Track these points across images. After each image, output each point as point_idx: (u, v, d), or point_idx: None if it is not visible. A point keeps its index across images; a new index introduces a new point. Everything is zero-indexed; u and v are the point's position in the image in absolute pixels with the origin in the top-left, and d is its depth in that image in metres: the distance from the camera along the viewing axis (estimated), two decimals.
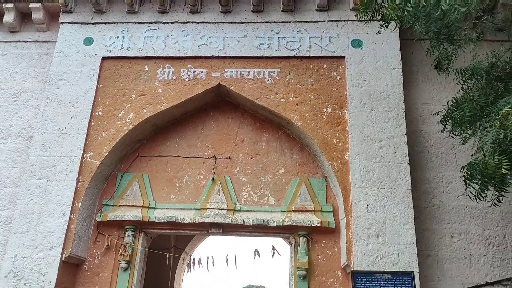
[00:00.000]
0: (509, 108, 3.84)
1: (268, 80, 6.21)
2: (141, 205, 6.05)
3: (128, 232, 5.94)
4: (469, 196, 4.41)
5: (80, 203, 5.74)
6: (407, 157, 5.58)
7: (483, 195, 4.18)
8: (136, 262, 5.89)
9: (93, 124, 6.16)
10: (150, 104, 6.21)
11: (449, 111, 4.93)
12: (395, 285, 4.39)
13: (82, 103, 6.21)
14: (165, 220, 5.89)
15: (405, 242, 5.13)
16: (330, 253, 5.68)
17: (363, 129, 5.78)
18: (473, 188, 4.25)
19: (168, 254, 6.13)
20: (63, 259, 5.45)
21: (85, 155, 5.99)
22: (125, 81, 6.36)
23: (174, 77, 6.33)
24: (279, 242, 6.78)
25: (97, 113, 6.21)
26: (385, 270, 4.84)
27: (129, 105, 6.22)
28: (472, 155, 4.73)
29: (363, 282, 4.49)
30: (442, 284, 5.19)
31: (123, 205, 6.07)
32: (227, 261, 6.21)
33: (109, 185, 6.29)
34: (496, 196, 4.24)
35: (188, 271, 9.18)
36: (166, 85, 6.29)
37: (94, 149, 6.03)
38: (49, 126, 6.12)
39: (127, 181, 6.27)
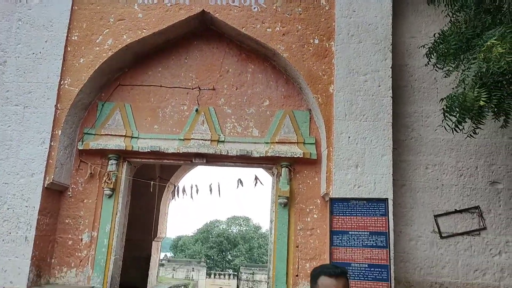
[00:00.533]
0: (494, 40, 3.82)
1: (255, 8, 5.98)
2: (124, 134, 6.02)
3: (111, 160, 5.96)
4: (445, 129, 4.52)
5: (60, 131, 5.67)
6: (391, 91, 5.60)
7: (460, 127, 4.30)
8: (121, 189, 5.98)
9: (69, 49, 5.92)
10: (130, 29, 5.95)
11: (435, 43, 4.89)
12: (370, 210, 4.61)
13: (56, 26, 5.91)
14: (148, 150, 5.91)
15: (382, 172, 5.32)
16: (310, 182, 5.87)
17: (349, 62, 5.72)
18: (451, 120, 4.35)
19: (152, 182, 6.22)
20: (45, 186, 5.49)
21: (62, 82, 5.82)
22: (102, 4, 6.03)
23: (155, 1, 6.02)
24: (262, 173, 6.95)
25: (73, 38, 5.95)
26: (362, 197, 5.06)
27: (108, 30, 5.96)
28: (453, 88, 4.79)
29: (340, 208, 4.69)
30: (414, 211, 5.47)
31: (105, 134, 6.03)
32: (210, 190, 6.37)
33: (90, 114, 6.20)
34: (472, 128, 4.36)
35: (172, 198, 9.44)
36: (147, 10, 6.00)
37: (71, 76, 5.85)
38: (22, 50, 5.85)
39: (109, 110, 6.18)
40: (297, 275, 5.66)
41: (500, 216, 5.41)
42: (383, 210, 4.59)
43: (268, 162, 6.00)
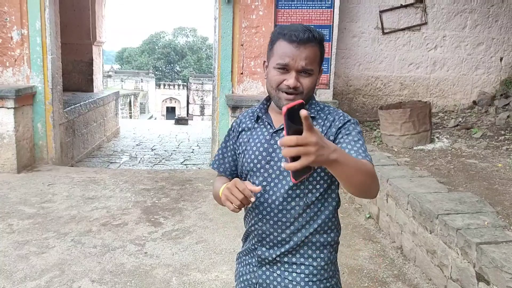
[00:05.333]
0: None
1: None
2: None
3: None
4: None
5: None
6: None
7: None
8: None
9: None
10: None
11: None
12: (316, 2, 4.44)
13: None
14: None
15: None
16: None
17: None
18: None
19: None
20: None
21: None
22: None
23: None
24: None
25: None
26: None
27: None
28: None
29: (285, 0, 4.48)
30: (360, 7, 5.39)
31: None
32: None
33: None
34: None
35: None
36: None
37: None
38: None
39: None
40: (241, 73, 5.76)
41: (443, 10, 5.49)
42: (330, 2, 4.45)
43: None
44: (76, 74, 8.61)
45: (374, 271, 3.03)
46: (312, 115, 1.26)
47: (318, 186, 1.25)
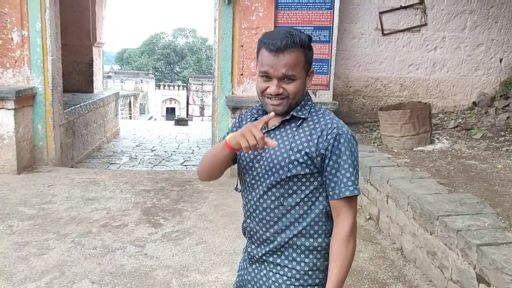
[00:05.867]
0: None
1: None
2: None
3: None
4: None
5: None
6: None
7: None
8: None
9: None
10: None
11: None
12: (316, 4, 4.45)
13: None
14: None
15: None
16: None
17: None
18: None
19: None
20: None
21: None
22: None
23: None
24: None
25: None
26: None
27: None
28: None
29: (285, 2, 4.49)
30: (360, 8, 5.40)
31: None
32: None
33: None
34: None
35: None
36: None
37: None
38: None
39: None
40: (242, 74, 5.76)
41: (442, 12, 5.49)
42: (329, 4, 4.46)
43: None
44: (76, 75, 8.61)
45: (374, 272, 3.03)
46: (302, 116, 1.28)
47: (303, 188, 1.27)
